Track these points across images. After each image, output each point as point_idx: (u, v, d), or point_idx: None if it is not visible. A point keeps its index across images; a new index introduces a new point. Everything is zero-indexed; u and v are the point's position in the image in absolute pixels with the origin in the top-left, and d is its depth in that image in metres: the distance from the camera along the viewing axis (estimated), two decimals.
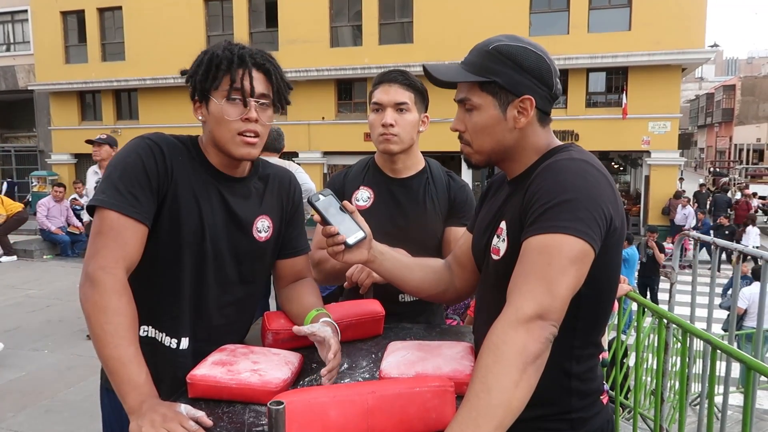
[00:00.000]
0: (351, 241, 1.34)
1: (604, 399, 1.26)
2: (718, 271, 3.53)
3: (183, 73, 1.41)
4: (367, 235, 1.37)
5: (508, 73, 1.18)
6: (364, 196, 1.93)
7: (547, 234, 1.04)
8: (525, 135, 1.22)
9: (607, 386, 1.27)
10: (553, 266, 1.01)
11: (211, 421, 1.11)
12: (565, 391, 1.19)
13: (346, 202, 1.37)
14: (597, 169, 1.13)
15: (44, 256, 9.99)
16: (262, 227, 1.50)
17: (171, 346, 1.41)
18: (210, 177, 1.41)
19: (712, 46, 26.03)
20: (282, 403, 0.90)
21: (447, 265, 1.52)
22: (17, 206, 10.24)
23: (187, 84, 1.40)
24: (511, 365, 0.94)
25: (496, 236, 1.23)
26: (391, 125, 1.81)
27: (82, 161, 20.53)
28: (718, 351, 2.15)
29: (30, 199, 15.10)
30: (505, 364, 0.94)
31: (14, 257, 9.42)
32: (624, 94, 15.64)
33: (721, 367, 3.07)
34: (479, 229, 1.35)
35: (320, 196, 1.35)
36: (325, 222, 1.33)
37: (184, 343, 1.41)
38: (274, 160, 3.59)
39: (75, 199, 11.02)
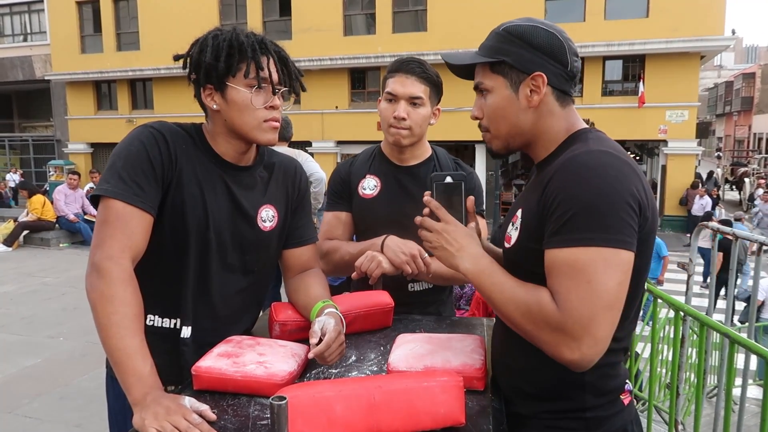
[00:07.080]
0: None
1: (626, 399, 1.19)
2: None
3: (177, 58, 1.40)
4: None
5: (517, 51, 1.15)
6: (370, 184, 1.90)
7: (577, 248, 1.00)
8: (542, 115, 1.18)
9: (630, 385, 1.21)
10: (595, 291, 1.00)
11: (215, 414, 1.10)
12: (578, 386, 1.14)
13: (469, 200, 1.22)
14: (618, 158, 1.06)
15: (60, 245, 10.12)
16: (267, 217, 1.47)
17: (175, 335, 1.39)
18: (214, 166, 1.39)
19: (732, 34, 25.51)
20: (284, 399, 0.88)
21: None
22: (51, 216, 10.33)
23: (184, 69, 1.38)
24: (534, 326, 1.04)
25: (511, 223, 1.21)
26: (404, 119, 1.79)
27: (99, 150, 20.69)
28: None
29: (48, 188, 15.29)
30: (529, 325, 1.06)
31: (9, 248, 9.64)
32: (641, 83, 15.39)
33: (738, 359, 3.02)
34: (507, 215, 1.34)
35: (449, 179, 1.21)
36: (436, 208, 1.19)
37: (186, 332, 1.40)
38: (282, 148, 3.57)
39: (91, 188, 11.13)
